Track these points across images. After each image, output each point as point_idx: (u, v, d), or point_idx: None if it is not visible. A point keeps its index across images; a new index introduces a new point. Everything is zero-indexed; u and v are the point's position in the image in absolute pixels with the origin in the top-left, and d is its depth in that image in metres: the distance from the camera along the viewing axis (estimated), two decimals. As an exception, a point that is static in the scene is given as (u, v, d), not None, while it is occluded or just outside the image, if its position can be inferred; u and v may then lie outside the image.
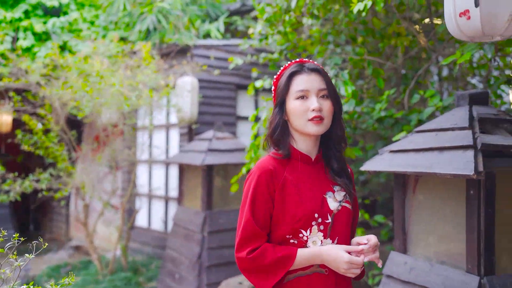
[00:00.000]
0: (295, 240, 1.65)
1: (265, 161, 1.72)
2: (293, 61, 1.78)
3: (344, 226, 1.72)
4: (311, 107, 1.66)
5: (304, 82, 1.69)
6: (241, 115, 6.69)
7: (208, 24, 6.91)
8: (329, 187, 1.74)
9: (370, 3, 3.05)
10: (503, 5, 1.55)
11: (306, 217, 1.64)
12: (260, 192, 1.65)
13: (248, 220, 1.64)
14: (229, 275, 4.98)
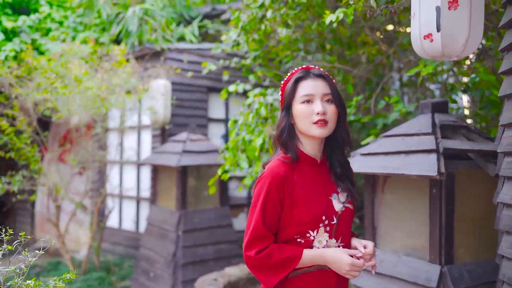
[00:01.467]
0: (302, 239, 1.73)
1: (276, 166, 1.76)
2: (300, 68, 1.83)
3: (347, 226, 1.80)
4: (315, 110, 1.72)
5: (309, 87, 1.75)
6: (212, 117, 6.87)
7: (182, 28, 7.03)
8: (334, 188, 1.81)
9: (341, 15, 3.28)
10: (459, 31, 1.81)
11: (314, 219, 1.71)
12: (271, 197, 1.71)
13: (258, 223, 1.71)
14: (203, 272, 5.16)
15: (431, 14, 1.80)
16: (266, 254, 1.71)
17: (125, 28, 6.69)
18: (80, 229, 7.58)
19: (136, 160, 6.85)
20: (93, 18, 7.16)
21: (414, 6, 1.92)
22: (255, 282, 5.03)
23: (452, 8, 1.76)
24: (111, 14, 6.93)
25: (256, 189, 1.77)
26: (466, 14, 1.77)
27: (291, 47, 4.93)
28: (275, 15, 4.24)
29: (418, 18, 1.87)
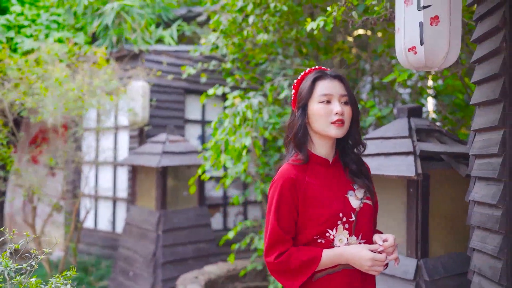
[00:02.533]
0: (323, 239, 1.72)
1: (286, 170, 1.77)
2: (313, 68, 1.85)
3: (367, 222, 1.78)
4: (334, 110, 1.73)
5: (328, 87, 1.76)
6: (189, 118, 6.96)
7: (161, 30, 7.10)
8: (349, 186, 1.81)
9: (322, 23, 3.45)
10: (440, 45, 2.00)
11: (332, 217, 1.70)
12: (284, 201, 1.72)
13: (274, 227, 1.71)
14: (183, 271, 5.27)
15: (415, 29, 1.98)
16: (285, 258, 1.70)
17: (103, 24, 6.70)
18: (53, 230, 7.52)
19: (113, 161, 6.87)
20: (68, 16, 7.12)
21: (399, 21, 2.10)
22: (234, 280, 5.17)
23: (434, 24, 1.95)
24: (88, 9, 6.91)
25: (269, 195, 1.78)
26: (446, 29, 1.96)
27: (267, 50, 5.09)
28: (257, 20, 4.38)
29: (402, 32, 2.05)
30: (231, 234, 4.76)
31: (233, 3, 4.82)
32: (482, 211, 2.21)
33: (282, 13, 4.30)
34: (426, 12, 1.94)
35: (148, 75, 6.01)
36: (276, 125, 4.55)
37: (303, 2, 4.68)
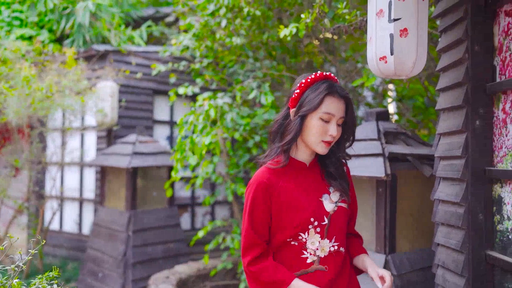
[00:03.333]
0: (296, 242, 1.74)
1: (260, 173, 1.79)
2: (323, 74, 1.80)
3: (340, 225, 1.80)
4: (329, 132, 1.73)
5: (334, 107, 1.74)
6: (157, 119, 6.97)
7: (130, 30, 7.07)
8: (325, 189, 1.82)
9: (295, 29, 3.58)
10: (409, 55, 2.14)
11: (303, 222, 1.73)
12: (257, 204, 1.75)
13: (247, 230, 1.76)
14: (153, 271, 5.29)
15: (386, 40, 2.12)
16: (258, 270, 1.74)
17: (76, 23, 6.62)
18: (17, 233, 7.36)
19: (80, 161, 6.79)
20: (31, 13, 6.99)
21: (370, 31, 2.23)
22: (204, 279, 5.23)
23: (403, 35, 2.09)
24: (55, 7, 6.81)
25: (245, 197, 1.82)
26: (414, 40, 2.11)
27: (236, 52, 5.19)
28: (229, 24, 4.47)
29: (374, 42, 2.19)
30: (201, 233, 4.83)
31: (204, 6, 4.90)
32: (446, 209, 2.37)
33: (253, 17, 4.41)
34: (396, 25, 2.07)
35: (117, 75, 5.99)
36: (246, 127, 4.65)
37: (273, 6, 4.80)
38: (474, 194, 2.15)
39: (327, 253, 1.76)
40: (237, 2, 4.25)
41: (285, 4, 4.54)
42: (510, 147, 2.02)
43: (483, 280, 2.13)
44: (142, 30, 7.13)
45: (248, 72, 5.18)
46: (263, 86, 4.44)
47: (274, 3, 4.58)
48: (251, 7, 4.20)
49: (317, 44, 5.29)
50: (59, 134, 6.84)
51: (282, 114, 1.85)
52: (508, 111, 2.04)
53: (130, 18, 7.60)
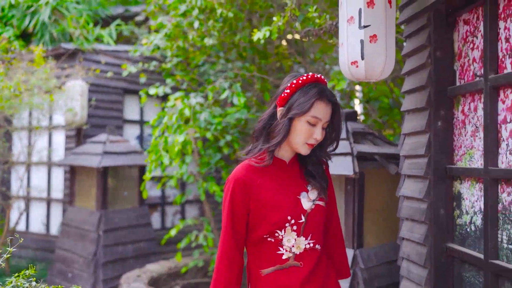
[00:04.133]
0: (272, 238, 1.76)
1: (239, 170, 1.79)
2: (312, 76, 1.78)
3: (317, 223, 1.82)
4: (314, 135, 1.74)
5: (322, 111, 1.73)
6: (128, 118, 6.95)
7: (99, 29, 7.02)
8: (303, 187, 1.82)
9: (268, 33, 3.68)
10: (378, 60, 2.27)
11: (280, 220, 1.73)
12: (235, 201, 1.76)
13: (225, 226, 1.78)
14: (124, 270, 5.30)
15: (357, 45, 2.24)
16: (219, 271, 1.77)
17: (40, 21, 6.53)
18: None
19: (48, 161, 6.71)
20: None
21: (342, 37, 2.35)
22: (176, 277, 5.28)
23: (373, 41, 2.22)
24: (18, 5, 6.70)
25: (223, 193, 1.84)
26: (383, 46, 2.24)
27: (206, 52, 5.25)
28: (201, 26, 4.53)
29: (346, 47, 2.31)
30: (173, 232, 4.88)
31: (175, 6, 4.95)
32: (410, 204, 2.52)
33: (225, 18, 4.48)
34: (366, 31, 2.19)
35: (87, 74, 5.96)
36: (218, 126, 4.72)
37: (244, 8, 4.89)
38: (436, 191, 2.30)
39: (303, 250, 1.77)
40: (209, 4, 4.32)
41: (256, 7, 4.64)
42: (469, 146, 2.17)
43: (444, 271, 2.28)
44: (111, 29, 7.09)
45: (219, 73, 5.25)
46: (235, 87, 4.53)
47: (245, 5, 4.67)
48: (224, 8, 4.28)
49: (287, 45, 5.42)
50: (26, 133, 6.74)
51: (268, 112, 1.83)
52: (466, 113, 2.20)
53: (99, 17, 7.54)
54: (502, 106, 1.92)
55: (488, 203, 1.94)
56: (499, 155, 1.94)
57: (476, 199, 2.11)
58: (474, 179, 2.12)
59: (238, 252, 1.79)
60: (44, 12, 6.39)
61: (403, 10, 2.63)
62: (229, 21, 4.50)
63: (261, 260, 1.79)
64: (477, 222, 2.09)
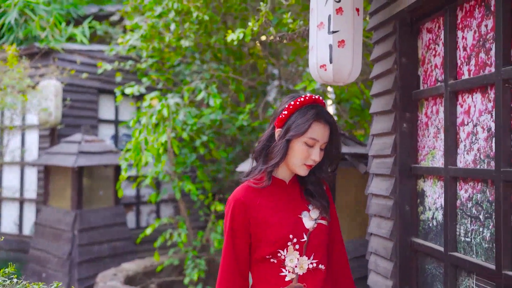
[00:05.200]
0: (275, 259, 1.73)
1: (239, 191, 1.79)
2: (310, 97, 1.79)
3: (320, 243, 1.79)
4: (312, 156, 1.74)
5: (319, 133, 1.74)
6: (102, 118, 6.95)
7: (71, 27, 6.98)
8: (304, 206, 1.82)
9: (242, 35, 3.78)
10: (346, 64, 2.39)
11: (281, 239, 1.72)
12: (236, 222, 1.76)
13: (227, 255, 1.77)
14: (99, 270, 5.33)
15: (326, 50, 2.36)
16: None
17: (7, 22, 6.46)
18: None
19: (21, 161, 6.65)
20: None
21: (312, 42, 2.47)
22: (151, 276, 5.33)
23: (341, 46, 2.34)
24: None
25: (224, 216, 1.83)
26: (350, 51, 2.36)
27: (182, 52, 5.32)
28: (178, 28, 4.60)
29: (315, 51, 2.42)
30: (148, 230, 4.93)
31: (151, 7, 5.00)
32: (378, 202, 2.66)
33: (201, 21, 4.56)
34: (335, 36, 2.31)
35: (62, 74, 5.95)
36: (193, 126, 4.80)
37: (219, 11, 4.98)
38: (401, 189, 2.44)
39: (306, 270, 1.74)
40: (185, 7, 4.39)
41: (231, 9, 4.73)
42: (431, 147, 2.32)
43: (408, 263, 2.42)
44: (84, 27, 7.07)
45: (195, 73, 5.32)
46: (211, 88, 4.61)
47: (221, 8, 4.76)
48: (200, 11, 4.35)
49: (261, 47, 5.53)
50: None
51: (267, 133, 1.83)
52: (429, 115, 2.34)
53: (70, 16, 7.50)
54: (460, 110, 2.07)
55: (447, 200, 2.09)
56: (458, 155, 2.08)
57: (437, 196, 2.25)
58: (436, 177, 2.26)
59: (240, 277, 1.77)
60: (11, 14, 6.33)
61: (372, 17, 2.76)
62: (204, 23, 4.58)
63: (264, 284, 1.76)
64: (438, 218, 2.24)
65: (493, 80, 1.80)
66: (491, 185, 1.84)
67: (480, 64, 1.94)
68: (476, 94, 1.96)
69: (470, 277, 1.97)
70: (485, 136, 1.90)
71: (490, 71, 1.86)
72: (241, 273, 1.78)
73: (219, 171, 5.92)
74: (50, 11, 6.73)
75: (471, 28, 2.01)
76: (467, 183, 2.01)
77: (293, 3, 3.44)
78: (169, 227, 6.36)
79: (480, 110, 1.94)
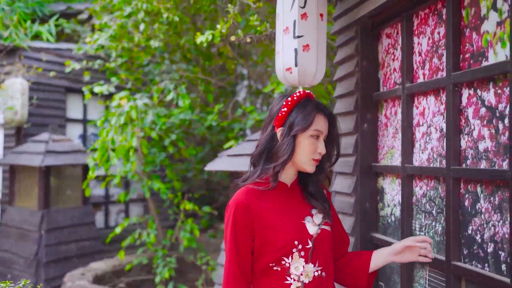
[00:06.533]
0: (278, 267, 1.65)
1: (240, 194, 1.71)
2: (304, 92, 1.78)
3: (325, 249, 1.73)
4: (319, 149, 1.72)
5: (322, 124, 1.73)
6: (70, 117, 6.88)
7: (37, 26, 6.89)
8: (307, 211, 1.76)
9: (210, 36, 3.84)
10: (310, 67, 2.50)
11: (287, 245, 1.64)
12: (238, 226, 1.67)
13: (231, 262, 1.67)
14: (67, 269, 5.30)
15: (291, 53, 2.45)
16: None
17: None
18: None
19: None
20: None
21: (278, 45, 2.56)
22: (120, 275, 5.34)
23: (306, 50, 2.44)
24: None
25: (225, 220, 1.74)
26: (314, 54, 2.47)
27: (151, 52, 5.35)
28: (147, 28, 4.63)
29: (281, 55, 2.52)
30: (118, 229, 4.94)
31: (120, 7, 5.01)
32: (341, 199, 2.77)
33: (171, 22, 4.60)
34: (300, 41, 2.41)
35: (28, 72, 5.87)
36: (163, 126, 4.84)
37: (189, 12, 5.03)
38: (362, 186, 2.56)
39: (312, 278, 1.66)
40: (155, 8, 4.43)
41: (201, 11, 4.79)
42: (390, 146, 2.44)
43: (369, 257, 2.54)
44: (50, 25, 6.98)
45: (164, 73, 5.36)
46: (180, 88, 4.66)
47: (190, 9, 4.81)
48: (170, 13, 4.39)
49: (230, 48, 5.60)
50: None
51: (266, 136, 1.76)
52: (388, 116, 2.46)
53: (36, 14, 7.39)
54: (416, 111, 2.20)
55: (404, 196, 2.21)
56: (414, 154, 2.21)
57: (396, 193, 2.37)
58: (394, 175, 2.38)
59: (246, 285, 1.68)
60: None
61: (336, 22, 2.87)
62: (174, 24, 4.62)
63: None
64: (396, 214, 2.36)
65: (444, 84, 1.93)
66: (443, 182, 1.97)
67: (433, 69, 2.07)
68: (430, 97, 2.09)
69: (424, 269, 2.10)
70: (437, 136, 2.03)
71: (442, 76, 1.99)
72: (246, 281, 1.68)
73: (189, 170, 5.97)
74: (14, 9, 6.62)
75: (426, 34, 2.13)
76: (421, 181, 2.13)
77: (261, 6, 3.53)
78: (138, 226, 6.37)
79: (433, 112, 2.07)
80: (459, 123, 1.87)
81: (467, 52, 1.84)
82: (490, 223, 1.69)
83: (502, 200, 1.64)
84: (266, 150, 1.74)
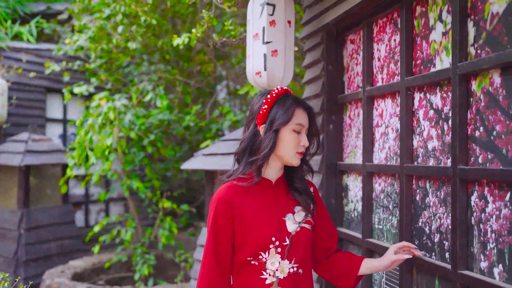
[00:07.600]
0: (256, 261, 1.70)
1: (223, 189, 1.74)
2: (282, 89, 1.81)
3: (302, 247, 1.76)
4: (302, 142, 1.75)
5: (303, 118, 1.77)
6: (50, 117, 6.93)
7: (18, 26, 6.91)
8: (290, 208, 1.79)
9: (187, 39, 3.95)
10: (278, 70, 2.64)
11: (263, 241, 1.68)
12: (219, 221, 1.71)
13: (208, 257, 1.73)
14: (47, 268, 5.36)
15: (260, 58, 2.59)
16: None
17: None
18: None
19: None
20: None
21: (249, 50, 2.69)
22: (100, 272, 5.42)
23: (274, 55, 2.58)
24: None
25: (208, 214, 1.79)
26: (282, 59, 2.61)
27: (130, 53, 5.44)
28: (126, 31, 4.72)
29: (251, 59, 2.65)
30: (97, 228, 5.02)
31: (99, 9, 5.09)
32: (309, 196, 2.92)
33: (149, 24, 4.71)
34: (269, 46, 2.55)
35: (8, 72, 5.91)
36: (142, 126, 4.93)
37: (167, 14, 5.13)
38: (328, 183, 2.70)
39: (287, 274, 1.71)
40: (133, 11, 4.52)
41: (179, 13, 4.90)
42: (353, 146, 2.59)
43: (334, 251, 2.69)
44: (31, 26, 7.01)
45: (143, 75, 5.45)
46: (158, 89, 4.76)
47: (168, 12, 4.91)
48: (148, 16, 4.50)
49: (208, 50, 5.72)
50: None
51: (249, 133, 1.79)
52: (352, 117, 2.62)
53: (17, 14, 7.40)
54: (375, 113, 2.35)
55: (365, 193, 2.37)
56: (374, 152, 2.36)
57: (358, 189, 2.53)
58: (357, 173, 2.54)
59: (221, 277, 1.73)
60: None
61: (304, 27, 3.02)
62: (152, 26, 4.72)
63: (244, 287, 1.73)
64: (358, 209, 2.51)
65: (399, 87, 2.09)
66: (398, 178, 2.13)
67: (390, 73, 2.23)
68: (387, 100, 2.24)
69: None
70: (394, 136, 2.18)
71: (397, 80, 2.15)
72: (222, 274, 1.73)
73: (168, 169, 6.07)
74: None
75: (384, 41, 2.29)
76: (380, 178, 2.29)
77: (236, 10, 3.66)
78: (118, 225, 6.45)
79: (390, 114, 2.22)
80: (411, 124, 2.03)
81: (419, 58, 2.00)
82: (437, 216, 1.85)
83: (447, 194, 1.80)
84: (249, 147, 1.77)
